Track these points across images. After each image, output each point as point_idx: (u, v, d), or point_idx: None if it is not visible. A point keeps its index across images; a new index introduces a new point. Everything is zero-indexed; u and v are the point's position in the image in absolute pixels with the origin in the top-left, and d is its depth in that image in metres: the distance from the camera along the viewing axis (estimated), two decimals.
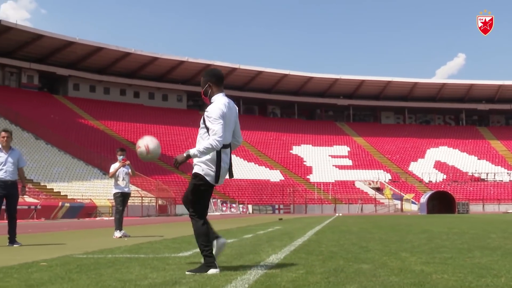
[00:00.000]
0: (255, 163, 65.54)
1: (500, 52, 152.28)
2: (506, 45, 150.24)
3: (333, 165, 69.07)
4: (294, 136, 75.89)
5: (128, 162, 12.65)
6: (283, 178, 63.57)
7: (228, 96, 5.61)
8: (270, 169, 65.17)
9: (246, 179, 60.89)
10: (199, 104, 79.51)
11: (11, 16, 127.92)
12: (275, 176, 63.74)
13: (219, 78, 5.50)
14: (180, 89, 74.87)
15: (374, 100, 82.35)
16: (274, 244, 8.98)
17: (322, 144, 74.87)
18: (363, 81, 77.47)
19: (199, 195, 5.38)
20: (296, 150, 72.31)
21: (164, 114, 71.89)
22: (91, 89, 71.41)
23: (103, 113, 67.47)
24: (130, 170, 12.64)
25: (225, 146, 5.40)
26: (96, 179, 48.32)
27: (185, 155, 5.27)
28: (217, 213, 48.76)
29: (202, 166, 5.35)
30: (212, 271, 5.21)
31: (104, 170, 50.60)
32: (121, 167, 12.52)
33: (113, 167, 12.52)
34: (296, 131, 77.45)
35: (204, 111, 5.42)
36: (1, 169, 9.87)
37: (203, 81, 5.46)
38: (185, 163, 5.45)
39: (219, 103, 5.38)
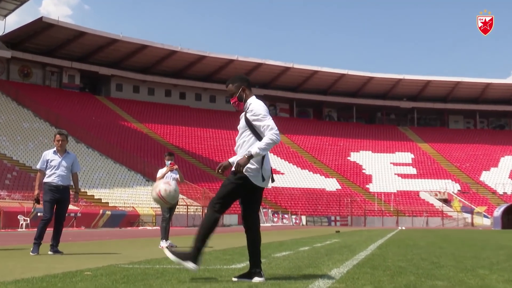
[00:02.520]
0: (309, 171, 65.33)
1: None
2: None
3: (395, 174, 68.18)
4: (352, 142, 75.33)
5: (176, 166, 12.78)
6: (340, 187, 63.13)
7: (281, 98, 5.93)
8: (325, 177, 64.83)
9: (299, 188, 60.74)
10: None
11: (53, 12, 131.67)
12: (331, 185, 63.35)
13: (249, 81, 5.91)
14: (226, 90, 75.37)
15: (441, 102, 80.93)
16: (335, 258, 8.90)
17: (383, 150, 74.03)
18: (429, 81, 76.28)
19: (234, 191, 5.66)
20: (354, 156, 71.73)
21: (212, 117, 72.52)
22: (134, 90, 72.68)
23: (147, 115, 68.54)
24: (178, 176, 12.74)
25: None
26: (139, 186, 49.04)
27: (246, 156, 5.51)
28: (267, 224, 48.75)
29: (250, 169, 5.60)
30: (190, 264, 5.51)
31: (148, 176, 51.30)
32: (169, 172, 12.62)
33: (161, 172, 12.66)
34: (354, 136, 76.87)
35: (245, 113, 5.72)
36: (54, 173, 10.08)
37: (235, 86, 5.78)
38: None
39: (260, 102, 5.75)
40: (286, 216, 54.32)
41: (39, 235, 9.83)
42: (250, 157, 5.50)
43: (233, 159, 5.90)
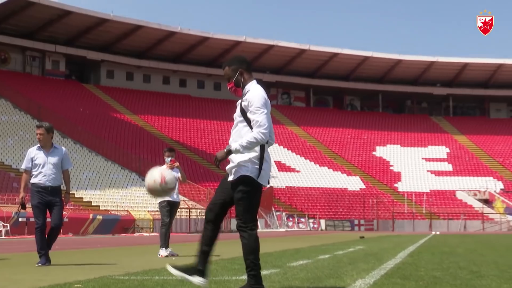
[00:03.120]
0: (328, 168, 65.37)
1: None
2: None
3: (427, 171, 68.07)
4: (378, 134, 75.28)
5: (177, 164, 12.82)
6: (364, 187, 63.11)
7: (295, 85, 5.97)
8: (347, 175, 64.83)
9: (317, 188, 60.78)
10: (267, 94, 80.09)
11: None
12: (354, 184, 63.34)
13: (249, 63, 5.93)
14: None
15: (480, 88, 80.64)
16: (359, 267, 8.93)
17: (414, 144, 73.91)
18: (466, 64, 76.01)
19: (249, 202, 5.65)
20: (381, 151, 71.68)
21: (217, 106, 72.64)
22: (128, 77, 72.90)
23: (143, 105, 68.75)
24: (179, 175, 12.79)
25: (267, 142, 5.77)
26: (134, 186, 49.22)
27: (225, 150, 5.59)
28: (281, 229, 48.84)
29: (248, 167, 5.61)
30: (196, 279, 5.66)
31: (144, 175, 51.34)
32: (169, 170, 12.66)
33: None
34: (380, 128, 76.80)
35: (241, 100, 5.75)
36: (40, 173, 9.98)
37: (232, 69, 5.80)
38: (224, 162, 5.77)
39: (259, 90, 5.73)
40: (302, 220, 54.38)
41: (41, 245, 9.80)
42: (228, 152, 5.57)
43: (229, 147, 5.96)
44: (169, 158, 12.72)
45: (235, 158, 5.65)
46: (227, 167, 5.79)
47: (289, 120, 75.05)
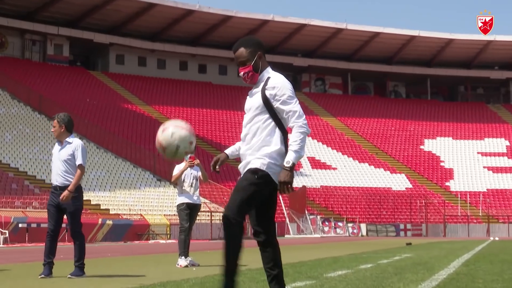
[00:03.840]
0: (369, 165, 65.19)
1: None
2: None
3: (484, 167, 67.57)
4: (427, 125, 74.88)
5: (197, 161, 12.85)
6: (410, 186, 62.84)
7: (331, 69, 6.05)
8: (391, 172, 64.60)
9: (357, 187, 60.62)
10: (289, 81, 79.93)
11: None
12: (399, 182, 63.09)
13: (264, 46, 6.00)
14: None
15: None
16: (407, 278, 8.91)
17: (468, 136, 73.41)
18: None
19: (253, 196, 5.66)
20: (430, 145, 71.32)
21: (241, 95, 72.63)
22: (140, 62, 73.24)
23: (157, 94, 69.05)
24: (200, 173, 12.81)
25: None
26: (149, 187, 49.46)
27: (288, 167, 5.59)
28: (316, 235, 48.80)
29: (266, 161, 5.68)
30: None
31: (159, 175, 51.67)
32: (188, 169, 12.71)
33: (178, 168, 12.75)
34: (429, 118, 76.40)
35: (262, 88, 5.76)
36: (51, 171, 10.28)
37: (250, 52, 5.82)
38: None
39: (282, 76, 5.85)
40: (340, 224, 54.29)
41: (47, 252, 9.92)
42: (291, 168, 5.58)
43: (232, 150, 6.03)
44: (188, 155, 12.71)
45: (251, 156, 5.72)
46: (239, 166, 5.84)
47: (323, 110, 74.96)
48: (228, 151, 6.03)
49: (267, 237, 5.78)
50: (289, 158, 5.56)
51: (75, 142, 10.23)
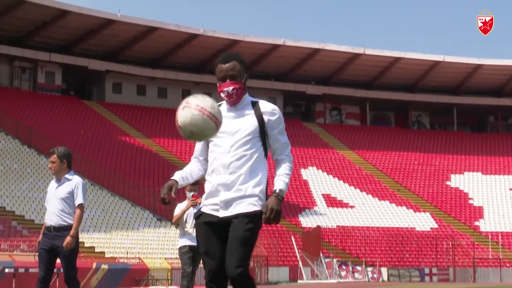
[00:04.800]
0: (390, 202, 64.92)
1: None
2: None
3: None
4: (453, 159, 74.71)
5: (201, 199, 12.69)
6: (436, 226, 62.50)
7: (348, 98, 6.12)
8: (415, 211, 64.30)
9: (377, 227, 60.33)
10: (301, 111, 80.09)
11: None
12: (424, 222, 62.78)
13: None
14: (274, 88, 75.66)
15: None
16: None
17: (499, 171, 73.12)
18: None
19: (254, 243, 5.84)
20: (457, 180, 71.04)
21: None
22: (139, 91, 73.41)
23: (158, 126, 69.12)
24: None
25: None
26: (148, 228, 49.31)
27: (281, 197, 5.68)
28: (332, 280, 48.47)
29: (262, 199, 5.76)
30: None
31: (159, 214, 51.54)
32: (191, 208, 12.62)
33: (180, 208, 12.70)
34: (455, 151, 76.22)
35: (259, 112, 5.80)
36: (46, 210, 10.19)
37: (243, 69, 5.86)
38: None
39: (268, 102, 5.98)
40: (358, 268, 53.87)
41: None
42: (282, 198, 5.68)
43: (181, 176, 6.07)
44: (191, 193, 12.69)
45: (242, 186, 5.72)
46: (219, 199, 5.79)
47: (340, 142, 74.87)
48: (177, 176, 6.04)
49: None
50: (281, 187, 5.65)
51: (75, 179, 10.26)
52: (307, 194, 63.17)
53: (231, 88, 5.76)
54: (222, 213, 5.76)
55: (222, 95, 5.89)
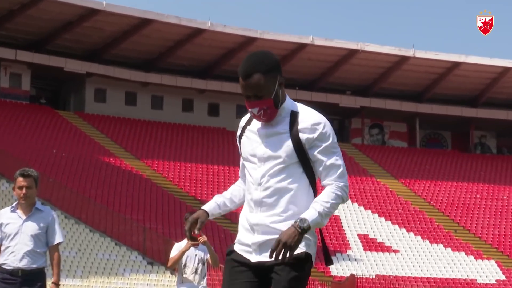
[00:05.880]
0: (445, 246, 64.66)
1: None
2: None
3: None
4: None
5: (204, 238, 12.84)
6: (503, 277, 62.11)
7: (391, 112, 6.07)
8: (476, 258, 63.93)
9: (427, 278, 60.14)
10: (333, 128, 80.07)
11: None
12: (488, 272, 62.45)
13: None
14: (298, 99, 74.27)
15: None
16: None
17: None
18: None
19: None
20: None
21: None
22: (128, 100, 73.38)
23: (151, 144, 68.95)
24: (208, 255, 12.87)
25: None
26: (136, 273, 49.21)
27: (301, 228, 5.43)
28: None
29: (311, 240, 5.65)
30: None
31: (150, 257, 51.49)
32: (192, 248, 12.78)
33: (177, 248, 12.80)
34: None
35: (291, 128, 5.60)
36: (8, 248, 9.87)
37: (269, 79, 5.59)
38: None
39: (316, 112, 5.76)
40: None
41: None
42: (305, 231, 5.44)
43: (213, 206, 5.90)
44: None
45: (278, 225, 5.57)
46: (251, 241, 5.67)
47: (381, 168, 74.71)
48: (208, 207, 5.88)
49: None
50: (308, 216, 5.40)
51: (47, 211, 10.21)
52: (339, 234, 62.89)
53: (256, 109, 5.58)
54: (254, 258, 5.64)
55: (250, 115, 5.73)
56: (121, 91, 72.89)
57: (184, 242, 12.69)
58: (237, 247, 5.78)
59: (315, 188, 5.68)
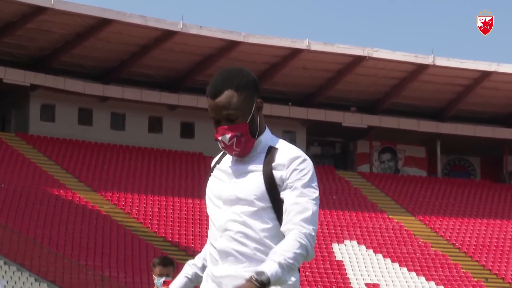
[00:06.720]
0: None
1: None
2: None
3: None
4: None
5: None
6: None
7: (408, 133, 5.83)
8: None
9: None
10: (334, 153, 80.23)
11: None
12: None
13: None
14: (291, 117, 75.75)
15: None
16: None
17: None
18: None
19: None
20: None
21: None
22: (83, 118, 73.43)
23: (111, 174, 69.16)
24: None
25: None
26: None
27: (260, 282, 5.11)
28: None
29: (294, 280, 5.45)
30: None
31: None
32: None
33: None
34: None
35: (268, 166, 5.35)
36: None
37: (245, 98, 5.37)
38: None
39: (296, 148, 5.50)
40: None
41: None
42: (264, 286, 5.10)
43: (181, 283, 5.84)
44: (162, 279, 12.79)
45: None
46: None
47: (394, 203, 74.90)
48: (177, 284, 5.84)
49: None
50: (266, 269, 5.08)
51: None
52: (343, 284, 63.03)
53: (227, 136, 5.29)
54: None
55: (220, 146, 5.45)
56: (73, 108, 72.99)
57: None
58: None
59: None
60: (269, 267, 5.09)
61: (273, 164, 5.34)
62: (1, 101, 72.16)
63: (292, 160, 5.32)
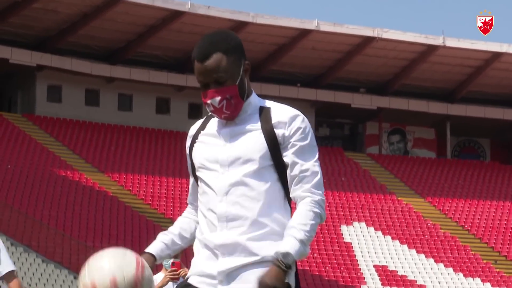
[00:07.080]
0: (483, 281, 64.54)
1: None
2: None
3: None
4: None
5: (185, 271, 12.88)
6: None
7: (417, 114, 5.72)
8: None
9: None
10: (343, 134, 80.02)
11: None
12: None
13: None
14: (300, 98, 75.52)
15: None
16: None
17: None
18: None
19: None
20: None
21: None
22: (89, 99, 73.35)
23: (118, 155, 69.10)
24: None
25: None
26: None
27: (285, 264, 5.06)
28: None
29: (294, 271, 5.32)
30: None
31: None
32: (170, 283, 12.79)
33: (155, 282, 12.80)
34: None
35: (267, 124, 5.27)
36: None
37: (233, 61, 5.32)
38: None
39: (290, 107, 5.44)
40: None
41: None
42: (290, 268, 5.09)
43: (159, 247, 5.52)
44: (170, 260, 12.81)
45: (251, 245, 5.18)
46: (216, 269, 5.22)
47: (403, 185, 74.73)
48: (153, 248, 5.51)
49: None
50: (290, 248, 5.03)
51: None
52: (351, 266, 62.92)
53: (217, 99, 5.24)
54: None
55: (208, 110, 5.37)
56: (80, 89, 72.89)
57: (161, 276, 12.72)
58: (193, 280, 5.40)
59: (290, 203, 5.35)
60: (292, 246, 5.07)
61: (272, 122, 5.31)
62: (8, 82, 72.05)
63: (293, 118, 5.29)
